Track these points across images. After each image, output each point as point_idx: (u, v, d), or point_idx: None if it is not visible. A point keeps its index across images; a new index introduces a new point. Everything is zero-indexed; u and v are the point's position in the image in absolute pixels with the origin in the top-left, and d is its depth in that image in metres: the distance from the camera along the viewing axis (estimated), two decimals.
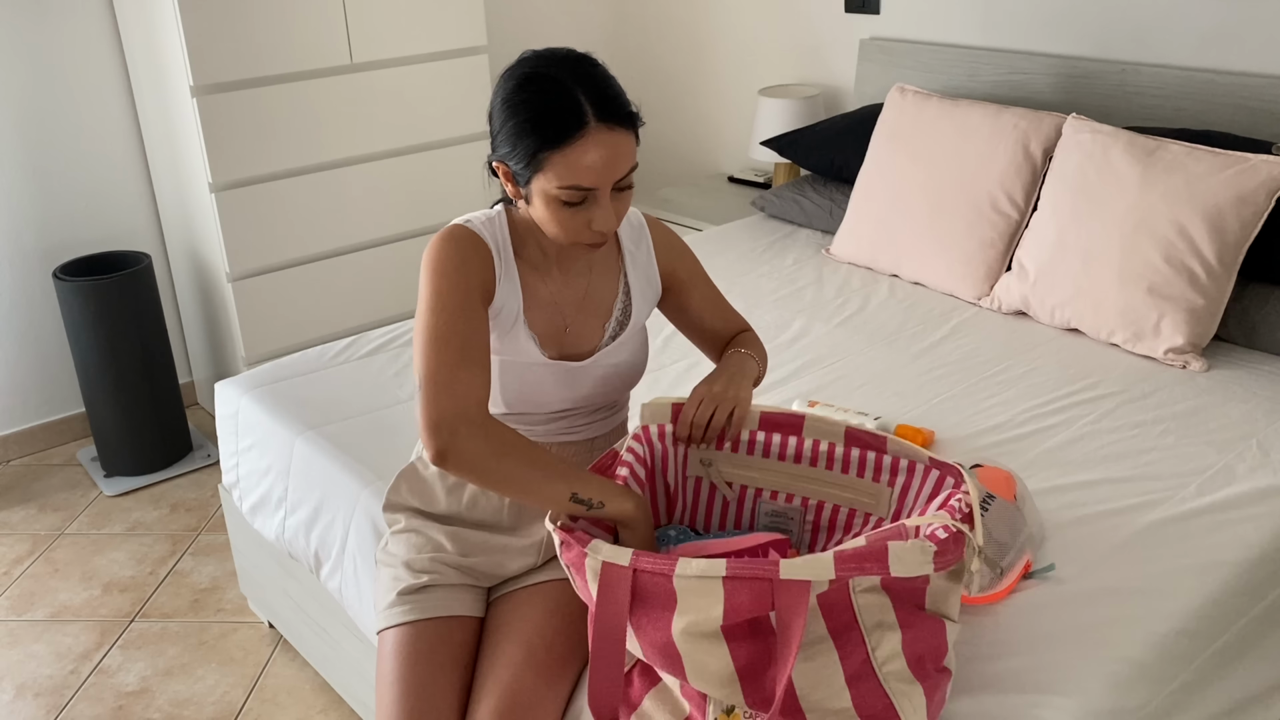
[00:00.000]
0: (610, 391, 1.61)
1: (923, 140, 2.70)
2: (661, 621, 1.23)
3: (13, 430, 3.28)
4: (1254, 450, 1.90)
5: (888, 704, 1.23)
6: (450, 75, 3.34)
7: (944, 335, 2.40)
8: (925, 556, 1.18)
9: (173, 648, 2.45)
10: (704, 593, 1.20)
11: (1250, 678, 1.70)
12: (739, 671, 1.22)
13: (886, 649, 1.23)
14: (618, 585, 1.23)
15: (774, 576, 1.17)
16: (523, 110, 1.37)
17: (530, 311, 1.54)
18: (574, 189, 1.37)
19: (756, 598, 1.18)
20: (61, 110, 3.13)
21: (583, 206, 1.40)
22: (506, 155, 1.41)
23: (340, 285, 3.31)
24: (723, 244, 2.98)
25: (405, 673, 1.48)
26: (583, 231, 1.42)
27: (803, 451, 1.52)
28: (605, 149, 1.36)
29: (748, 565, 1.18)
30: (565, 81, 1.36)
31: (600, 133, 1.35)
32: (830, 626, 1.21)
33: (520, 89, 1.38)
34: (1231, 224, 2.22)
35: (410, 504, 1.65)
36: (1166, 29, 2.69)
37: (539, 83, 1.37)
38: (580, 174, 1.36)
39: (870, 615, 1.22)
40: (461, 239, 1.47)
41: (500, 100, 1.41)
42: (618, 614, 1.24)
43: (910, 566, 1.18)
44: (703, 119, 4.01)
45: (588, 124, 1.35)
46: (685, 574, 1.20)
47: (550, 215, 1.41)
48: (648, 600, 1.23)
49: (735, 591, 1.19)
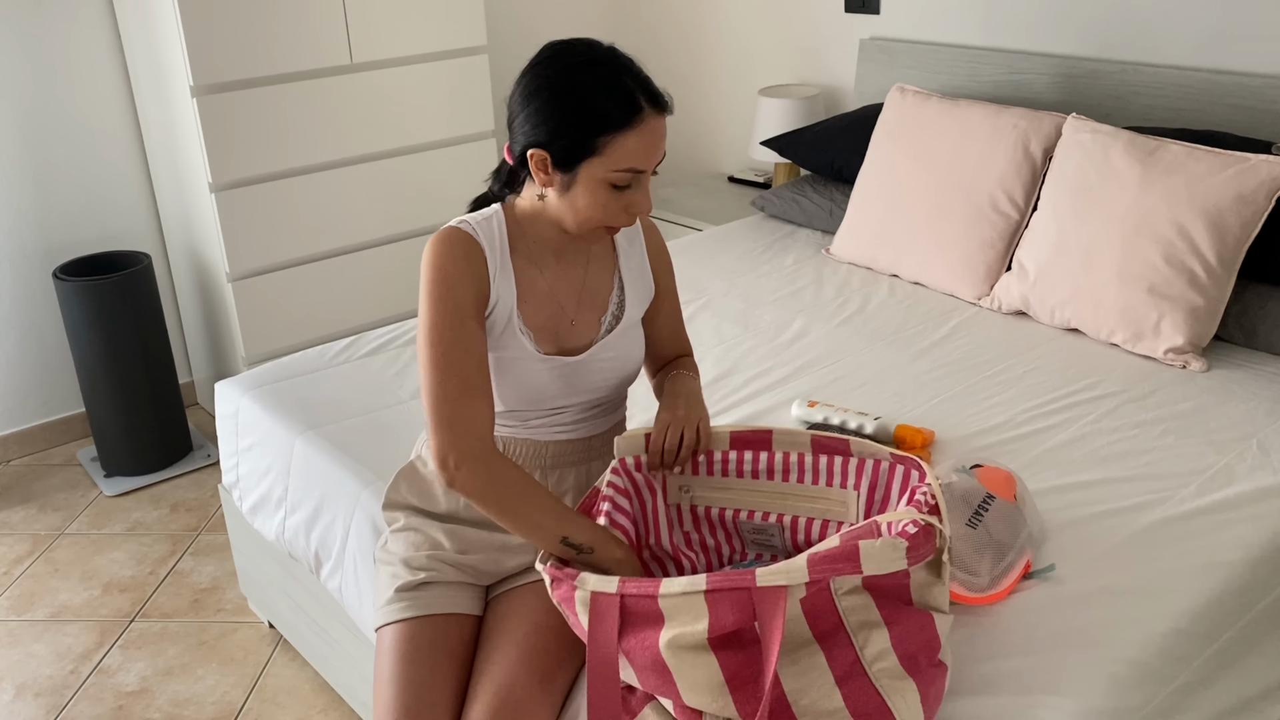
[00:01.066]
0: (607, 387, 1.62)
1: (923, 140, 2.70)
2: (650, 640, 1.25)
3: (13, 430, 3.28)
4: (1254, 450, 1.90)
5: (880, 703, 1.23)
6: (450, 75, 3.34)
7: (944, 335, 2.40)
8: (897, 553, 1.20)
9: (173, 648, 2.45)
10: (689, 609, 1.22)
11: (1250, 678, 1.70)
12: (728, 681, 1.24)
13: (875, 647, 1.24)
14: (607, 613, 1.27)
15: (751, 585, 1.20)
16: (576, 96, 1.41)
17: (526, 305, 1.55)
18: (628, 171, 1.44)
19: (738, 608, 1.21)
20: (61, 110, 3.13)
21: (625, 190, 1.46)
22: (547, 142, 1.44)
23: (340, 285, 3.31)
24: (723, 244, 2.98)
25: (402, 669, 1.48)
26: (619, 215, 1.48)
27: (774, 466, 1.54)
28: (656, 135, 1.45)
29: (727, 578, 1.21)
30: (614, 70, 1.43)
31: (653, 120, 1.44)
32: (816, 631, 1.23)
33: (570, 77, 1.43)
34: (1231, 224, 2.22)
35: (409, 502, 1.65)
36: (1166, 29, 2.69)
37: (590, 71, 1.42)
38: (634, 157, 1.43)
39: (855, 615, 1.23)
40: (455, 242, 1.50)
41: (545, 88, 1.43)
42: (609, 641, 1.27)
43: (882, 564, 1.20)
44: (703, 119, 4.01)
45: (643, 110, 1.42)
46: (669, 593, 1.23)
47: (593, 199, 1.46)
48: (637, 623, 1.26)
49: (717, 604, 1.21)
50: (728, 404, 2.13)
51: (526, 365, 1.55)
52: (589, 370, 1.59)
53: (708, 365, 2.28)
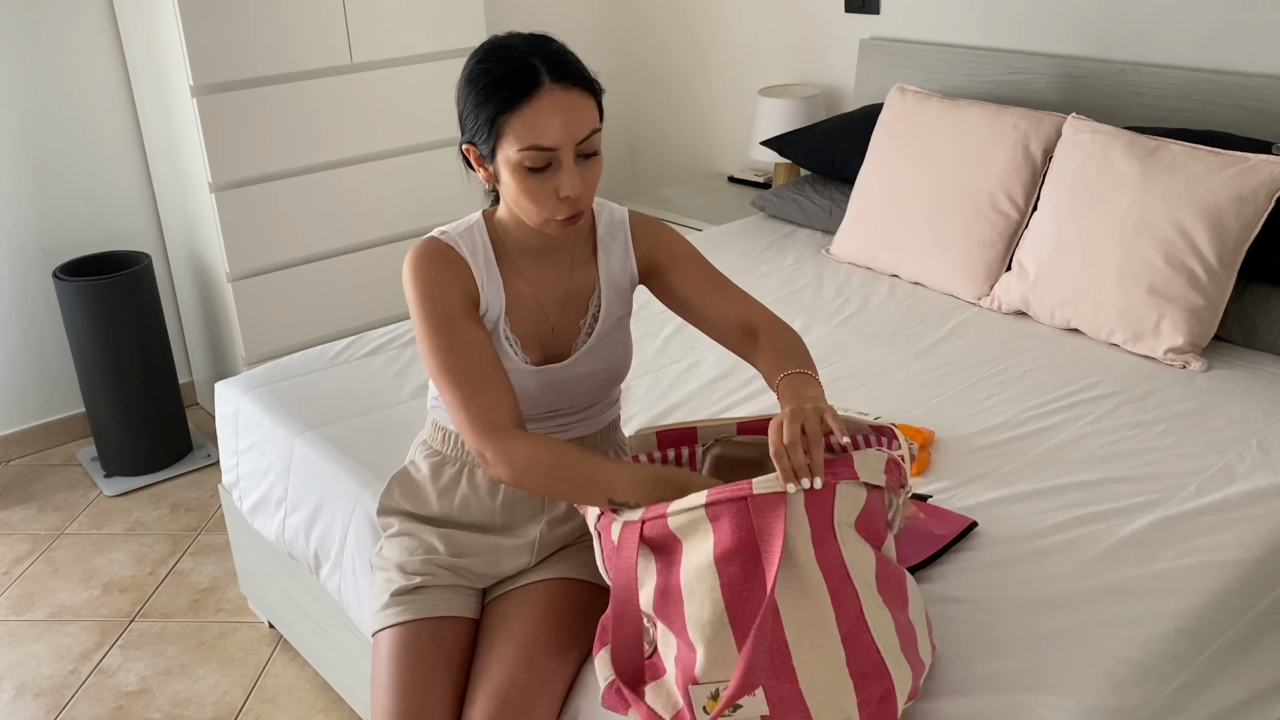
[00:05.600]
0: (594, 389, 1.61)
1: (923, 140, 2.70)
2: (674, 569, 1.27)
3: (13, 430, 3.28)
4: (1254, 450, 1.90)
5: (879, 661, 1.25)
6: (450, 75, 3.34)
7: (944, 335, 2.40)
8: (881, 461, 1.27)
9: (173, 648, 2.45)
10: (697, 527, 1.25)
11: (1250, 678, 1.70)
12: (728, 606, 1.23)
13: (874, 601, 1.27)
14: (629, 541, 1.29)
15: (748, 494, 1.22)
16: (480, 80, 1.40)
17: (513, 314, 1.55)
18: (534, 149, 1.38)
19: (737, 518, 1.22)
20: (62, 110, 3.13)
21: (548, 172, 1.40)
22: (473, 134, 1.43)
23: (340, 285, 3.31)
24: (723, 244, 2.98)
25: (399, 673, 1.48)
26: (551, 201, 1.41)
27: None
28: (562, 108, 1.37)
29: (725, 489, 1.23)
30: (520, 49, 1.40)
31: (555, 92, 1.37)
32: (830, 583, 1.24)
33: (478, 63, 1.42)
34: (1231, 224, 2.22)
35: (403, 507, 1.65)
36: (1166, 29, 2.69)
37: (495, 53, 1.41)
38: (537, 133, 1.37)
39: (858, 568, 1.26)
40: (433, 254, 1.49)
41: (462, 81, 1.44)
42: (629, 568, 1.29)
43: (873, 472, 1.26)
44: (703, 119, 4.01)
45: (542, 83, 1.37)
46: (676, 510, 1.26)
47: (518, 187, 1.41)
48: (660, 550, 1.29)
49: (718, 517, 1.24)
50: (728, 404, 2.13)
51: (513, 375, 1.54)
52: (574, 375, 1.58)
53: (708, 365, 2.28)
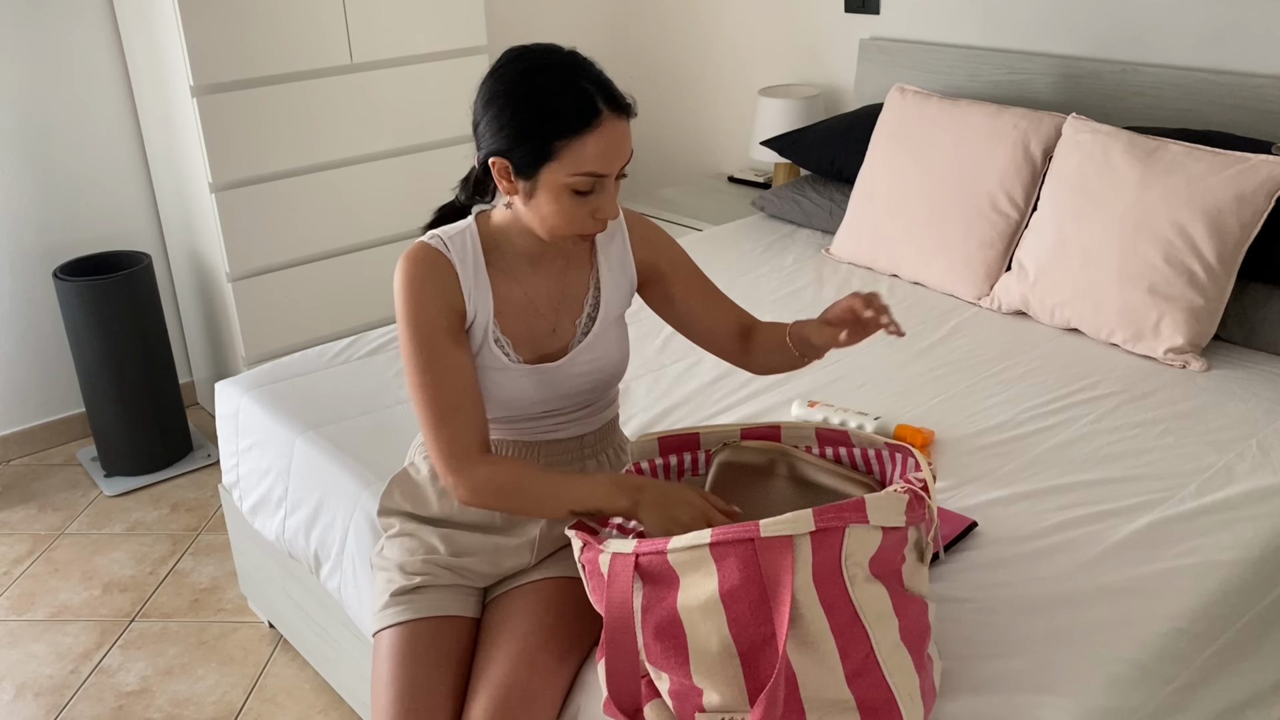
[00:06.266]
0: (591, 388, 1.62)
1: (922, 140, 2.70)
2: (668, 601, 1.25)
3: (13, 430, 3.28)
4: (1254, 450, 1.90)
5: (889, 697, 1.24)
6: (450, 75, 3.34)
7: (944, 335, 2.40)
8: (900, 505, 1.22)
9: (173, 648, 2.45)
10: (699, 565, 1.23)
11: (1250, 678, 1.70)
12: (736, 641, 1.22)
13: (889, 640, 1.24)
14: (623, 573, 1.27)
15: (755, 536, 1.20)
16: (532, 100, 1.40)
17: (503, 317, 1.55)
18: (588, 176, 1.41)
19: (743, 561, 1.20)
20: (61, 110, 3.12)
21: (589, 196, 1.44)
22: (507, 150, 1.42)
23: (340, 285, 3.31)
24: (723, 244, 2.98)
25: (399, 673, 1.48)
26: (586, 221, 1.46)
27: None
28: (616, 137, 1.42)
29: (730, 529, 1.21)
30: (572, 74, 1.41)
31: (612, 122, 1.41)
32: (833, 623, 1.22)
33: (527, 81, 1.41)
34: (1231, 224, 2.22)
35: (403, 508, 1.66)
36: (1166, 29, 2.69)
37: (547, 75, 1.41)
38: (594, 161, 1.41)
39: (870, 607, 1.23)
40: (423, 260, 1.51)
41: (502, 94, 1.42)
42: (624, 601, 1.27)
43: (888, 515, 1.22)
44: (703, 119, 4.01)
45: (601, 113, 1.40)
46: (677, 547, 1.23)
47: (557, 207, 1.44)
48: (654, 583, 1.27)
49: (723, 558, 1.21)
50: (728, 404, 2.13)
51: (506, 374, 1.55)
52: (569, 374, 1.58)
53: (708, 365, 2.28)
